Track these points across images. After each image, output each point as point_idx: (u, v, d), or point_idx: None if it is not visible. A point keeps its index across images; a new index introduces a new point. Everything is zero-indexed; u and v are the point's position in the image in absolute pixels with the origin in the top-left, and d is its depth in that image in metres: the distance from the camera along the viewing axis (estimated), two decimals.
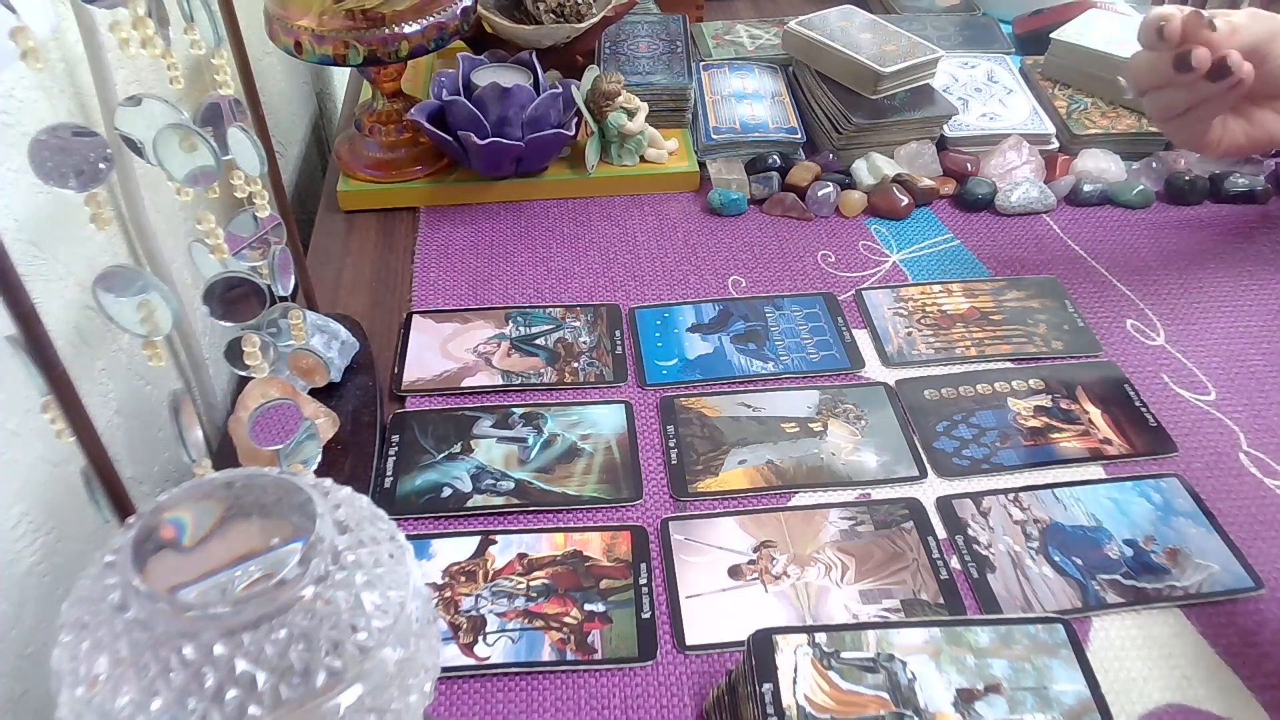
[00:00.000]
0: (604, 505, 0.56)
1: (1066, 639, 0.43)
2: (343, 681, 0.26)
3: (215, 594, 0.27)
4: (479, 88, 0.76)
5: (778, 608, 0.51)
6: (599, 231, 0.78)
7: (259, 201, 0.51)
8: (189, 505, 0.29)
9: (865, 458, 0.59)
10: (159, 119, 0.42)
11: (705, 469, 0.58)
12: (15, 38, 0.34)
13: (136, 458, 0.58)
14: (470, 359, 0.66)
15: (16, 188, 0.46)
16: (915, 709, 0.40)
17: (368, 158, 0.81)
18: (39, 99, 0.49)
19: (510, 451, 0.59)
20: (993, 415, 0.62)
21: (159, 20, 0.44)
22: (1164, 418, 0.61)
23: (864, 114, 0.82)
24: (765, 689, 0.40)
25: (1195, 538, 0.54)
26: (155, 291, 0.40)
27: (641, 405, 0.63)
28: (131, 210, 0.57)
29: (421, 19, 0.72)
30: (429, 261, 0.75)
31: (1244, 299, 0.71)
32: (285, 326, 0.54)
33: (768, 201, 0.80)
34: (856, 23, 0.89)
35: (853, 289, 0.72)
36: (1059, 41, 0.92)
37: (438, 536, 0.55)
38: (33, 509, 0.47)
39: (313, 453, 0.49)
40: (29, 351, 0.34)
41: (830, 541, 0.54)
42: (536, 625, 0.50)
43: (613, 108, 0.80)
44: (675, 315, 0.70)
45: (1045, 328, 0.68)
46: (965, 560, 0.53)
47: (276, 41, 0.72)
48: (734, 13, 1.13)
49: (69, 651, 0.26)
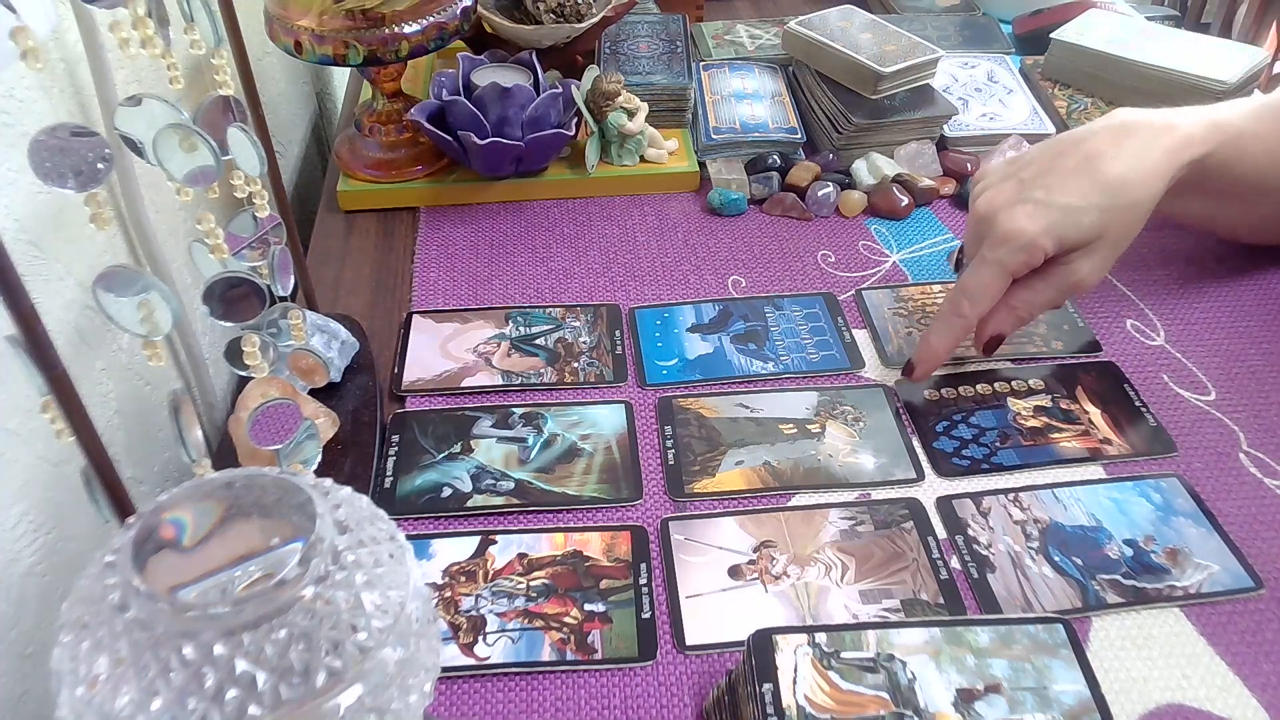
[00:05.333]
0: (604, 505, 0.56)
1: (1066, 639, 0.43)
2: (343, 681, 0.26)
3: (215, 594, 0.27)
4: (479, 88, 0.76)
5: (778, 608, 0.51)
6: (599, 231, 0.78)
7: (259, 201, 0.51)
8: (189, 505, 0.29)
9: (863, 460, 0.59)
10: (159, 119, 0.42)
11: (702, 470, 0.58)
12: (15, 38, 0.34)
13: (136, 458, 0.58)
14: (470, 359, 0.66)
15: (16, 188, 0.46)
16: (915, 709, 0.40)
17: (368, 158, 0.81)
18: (39, 99, 0.49)
19: (510, 451, 0.59)
20: (992, 415, 0.62)
21: (159, 20, 0.44)
22: (1164, 418, 0.61)
23: (864, 114, 0.82)
24: (765, 689, 0.40)
25: (1195, 538, 0.54)
26: (155, 291, 0.40)
27: (641, 405, 0.63)
28: (131, 210, 0.57)
29: (421, 19, 0.72)
30: (429, 261, 0.75)
31: (1244, 299, 0.71)
32: (285, 326, 0.54)
33: (768, 201, 0.80)
34: (856, 23, 0.89)
35: (853, 289, 0.72)
36: (1059, 41, 0.92)
37: (438, 536, 0.55)
38: (33, 509, 0.47)
39: (313, 453, 0.49)
40: (29, 351, 0.34)
41: (830, 541, 0.54)
42: (536, 625, 0.50)
43: (613, 108, 0.80)
44: (675, 315, 0.70)
45: (1045, 328, 0.68)
46: (965, 560, 0.53)
47: (276, 41, 0.72)
48: (734, 13, 1.13)
49: (69, 651, 0.26)
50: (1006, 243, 0.58)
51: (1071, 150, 0.60)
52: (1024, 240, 0.58)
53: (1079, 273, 0.60)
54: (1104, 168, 0.59)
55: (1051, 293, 0.61)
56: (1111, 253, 0.61)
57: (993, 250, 0.59)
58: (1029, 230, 0.58)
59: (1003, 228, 0.59)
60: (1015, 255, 0.58)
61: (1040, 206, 0.58)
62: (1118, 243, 0.60)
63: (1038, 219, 0.58)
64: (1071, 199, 0.58)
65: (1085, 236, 0.59)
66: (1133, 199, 0.59)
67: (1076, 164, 0.59)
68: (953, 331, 0.61)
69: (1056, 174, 0.59)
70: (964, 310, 0.60)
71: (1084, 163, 0.59)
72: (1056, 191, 0.59)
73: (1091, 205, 0.58)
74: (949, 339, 0.61)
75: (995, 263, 0.59)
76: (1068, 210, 0.58)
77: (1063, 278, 0.60)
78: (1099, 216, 0.58)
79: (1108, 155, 0.59)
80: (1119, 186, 0.59)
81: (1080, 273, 0.60)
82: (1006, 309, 0.61)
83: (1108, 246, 0.60)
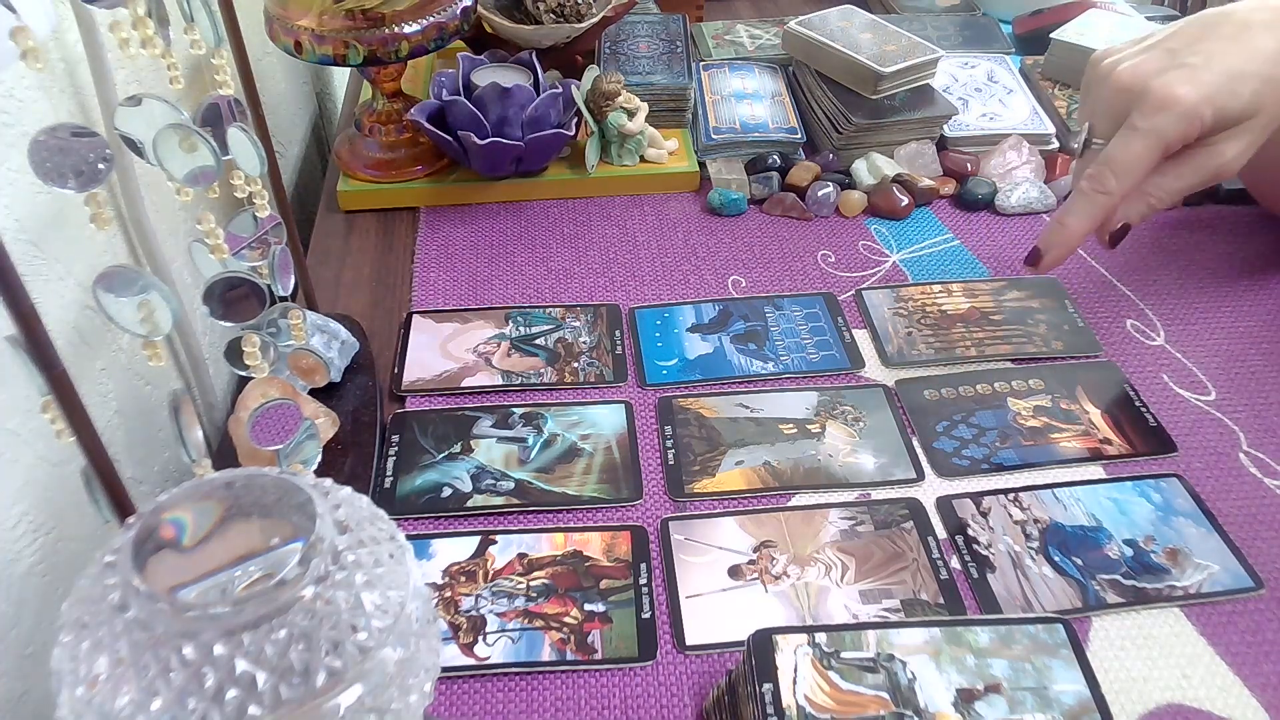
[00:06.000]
0: (604, 505, 0.56)
1: (1066, 639, 0.43)
2: (343, 681, 0.26)
3: (215, 594, 0.27)
4: (479, 88, 0.76)
5: (778, 608, 0.51)
6: (599, 231, 0.78)
7: (259, 201, 0.51)
8: (189, 505, 0.29)
9: (863, 460, 0.59)
10: (159, 119, 0.42)
11: (702, 470, 0.58)
12: (15, 38, 0.34)
13: (136, 458, 0.58)
14: (470, 359, 0.66)
15: (16, 188, 0.46)
16: (915, 709, 0.40)
17: (368, 158, 0.81)
18: (39, 99, 0.49)
19: (510, 451, 0.59)
20: (992, 415, 0.62)
21: (159, 20, 0.44)
22: (1164, 418, 0.61)
23: (864, 114, 0.82)
24: (765, 689, 0.40)
25: (1195, 538, 0.54)
26: (155, 291, 0.40)
27: (641, 405, 0.63)
28: (131, 210, 0.57)
29: (421, 19, 0.72)
30: (429, 261, 0.75)
31: (1244, 299, 0.71)
32: (285, 326, 0.54)
33: (768, 201, 0.80)
34: (856, 23, 0.89)
35: (853, 289, 0.72)
36: (1059, 41, 0.92)
37: (438, 536, 0.55)
38: (33, 509, 0.47)
39: (313, 453, 0.49)
40: (29, 351, 0.34)
41: (830, 541, 0.54)
42: (536, 625, 0.50)
43: (613, 108, 0.80)
44: (675, 315, 0.70)
45: (1045, 328, 0.68)
46: (965, 560, 0.53)
47: (276, 41, 0.72)
48: (734, 13, 1.13)
49: (69, 651, 0.26)
50: (1163, 110, 0.54)
51: (1223, 21, 0.56)
52: (1184, 107, 0.53)
53: (1224, 154, 0.56)
54: (1259, 37, 0.55)
55: (1194, 178, 0.56)
56: (1260, 135, 0.56)
57: (1146, 119, 0.54)
58: (1189, 97, 0.53)
59: (1158, 94, 0.54)
60: (1174, 124, 0.54)
61: (1199, 72, 0.54)
62: (1269, 124, 0.56)
63: (1199, 85, 0.53)
64: (1232, 64, 0.54)
65: (1244, 109, 0.54)
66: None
67: (1233, 31, 0.55)
68: (1095, 210, 0.56)
69: (1212, 40, 0.55)
70: (1109, 186, 0.56)
71: (1241, 30, 0.55)
72: (1216, 58, 0.54)
73: (1253, 73, 0.54)
74: (1088, 220, 0.56)
75: (1151, 132, 0.54)
76: (1230, 76, 0.54)
77: (1207, 161, 0.56)
78: (1260, 86, 0.54)
79: (1262, 25, 0.55)
80: (1278, 57, 0.54)
81: (1226, 154, 0.56)
82: (1139, 195, 0.57)
83: (1259, 127, 0.56)
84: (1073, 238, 0.57)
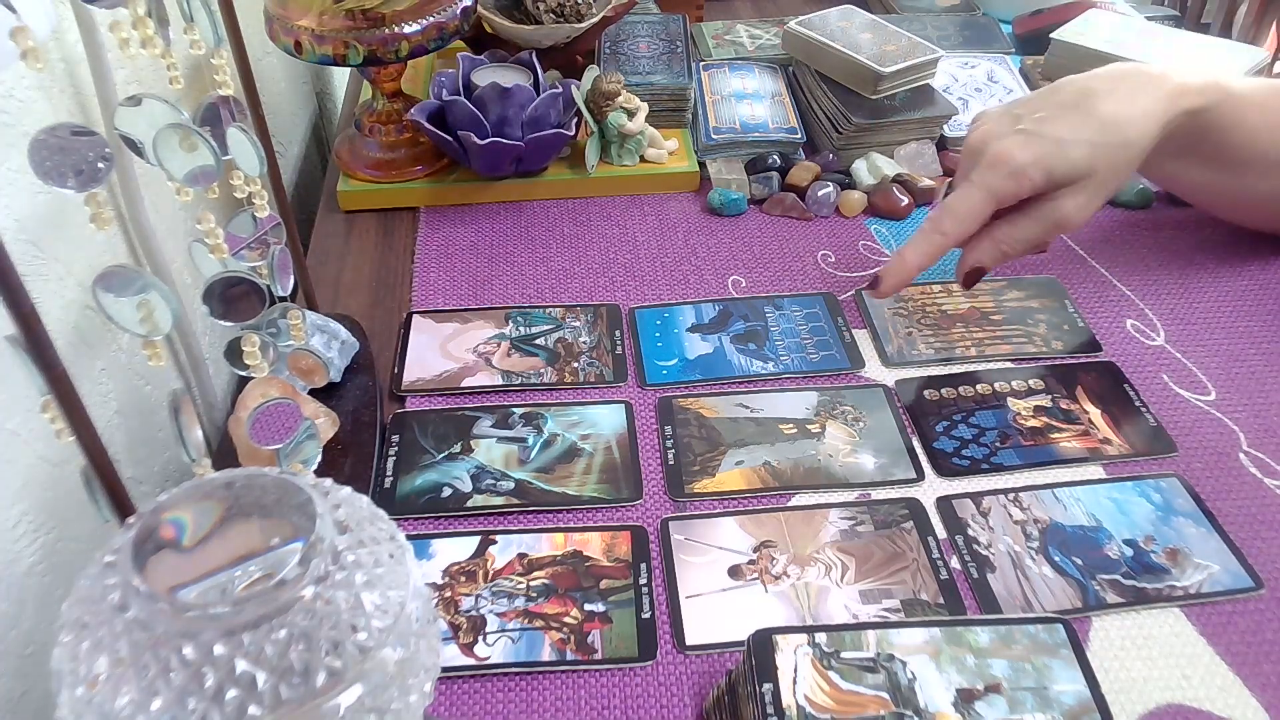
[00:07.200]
0: (604, 505, 0.56)
1: (1066, 639, 0.43)
2: (343, 681, 0.26)
3: (215, 594, 0.27)
4: (479, 88, 0.76)
5: (778, 608, 0.51)
6: (599, 231, 0.78)
7: (259, 201, 0.51)
8: (189, 505, 0.29)
9: (863, 460, 0.59)
10: (159, 119, 0.42)
11: (702, 470, 0.58)
12: (15, 38, 0.34)
13: (136, 458, 0.58)
14: (470, 359, 0.66)
15: (16, 188, 0.46)
16: (915, 709, 0.40)
17: (368, 158, 0.81)
18: (39, 99, 0.49)
19: (510, 451, 0.59)
20: (992, 415, 0.62)
21: (159, 20, 0.44)
22: (1164, 418, 0.61)
23: (864, 114, 0.82)
24: (765, 689, 0.40)
25: (1195, 538, 0.54)
26: (155, 291, 0.40)
27: (641, 405, 0.63)
28: (131, 210, 0.57)
29: (421, 19, 0.72)
30: (429, 261, 0.75)
31: (1244, 299, 0.71)
32: (285, 326, 0.54)
33: (768, 201, 0.80)
34: (856, 23, 0.89)
35: (853, 289, 0.72)
36: (1059, 41, 0.92)
37: (438, 536, 0.55)
38: (33, 509, 0.47)
39: (313, 453, 0.49)
40: (29, 351, 0.34)
41: (830, 541, 0.54)
42: (536, 625, 0.50)
43: (613, 108, 0.80)
44: (675, 315, 0.70)
45: (1045, 328, 0.68)
46: (965, 560, 0.53)
47: (276, 41, 0.72)
48: (734, 13, 1.13)
49: (69, 651, 0.26)
50: (995, 167, 0.59)
51: (1067, 88, 0.62)
52: (1013, 166, 0.59)
53: (1064, 209, 0.60)
54: (1098, 104, 0.59)
55: (1036, 229, 0.61)
56: (1099, 193, 0.61)
57: (980, 174, 0.60)
58: (1019, 158, 0.59)
59: (993, 154, 0.59)
60: (1003, 181, 0.59)
61: (1032, 137, 0.59)
62: (1105, 183, 0.61)
63: (1029, 148, 0.59)
64: (1062, 132, 0.59)
65: (1074, 171, 0.59)
66: (1125, 138, 0.60)
67: (1071, 99, 0.60)
68: (929, 248, 0.61)
69: (1050, 108, 0.60)
70: (944, 227, 0.61)
71: (1079, 98, 0.60)
72: (1048, 124, 0.59)
73: (1082, 140, 0.59)
74: (923, 255, 0.62)
75: (982, 186, 0.60)
76: (1059, 142, 0.59)
77: (1048, 214, 0.61)
78: (1089, 151, 0.59)
79: (1102, 93, 0.60)
80: (1112, 124, 0.59)
81: (1065, 210, 0.60)
82: (990, 241, 0.62)
83: (1096, 185, 0.60)
84: (908, 269, 0.63)
